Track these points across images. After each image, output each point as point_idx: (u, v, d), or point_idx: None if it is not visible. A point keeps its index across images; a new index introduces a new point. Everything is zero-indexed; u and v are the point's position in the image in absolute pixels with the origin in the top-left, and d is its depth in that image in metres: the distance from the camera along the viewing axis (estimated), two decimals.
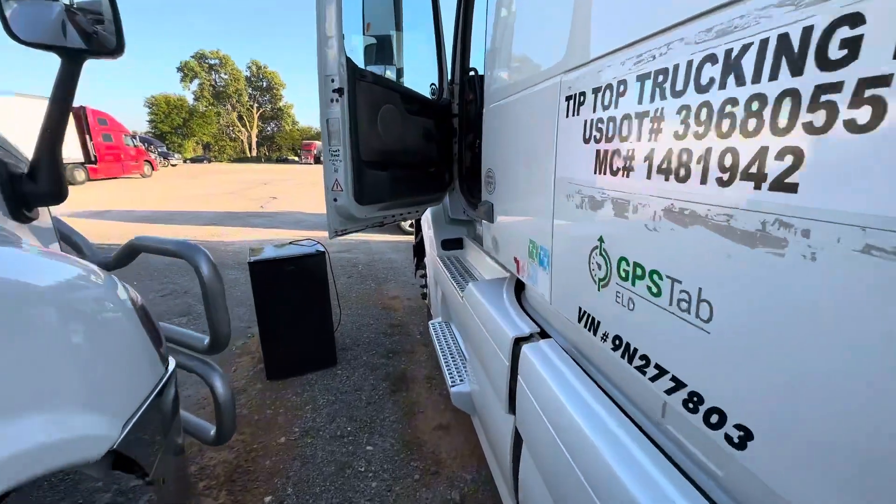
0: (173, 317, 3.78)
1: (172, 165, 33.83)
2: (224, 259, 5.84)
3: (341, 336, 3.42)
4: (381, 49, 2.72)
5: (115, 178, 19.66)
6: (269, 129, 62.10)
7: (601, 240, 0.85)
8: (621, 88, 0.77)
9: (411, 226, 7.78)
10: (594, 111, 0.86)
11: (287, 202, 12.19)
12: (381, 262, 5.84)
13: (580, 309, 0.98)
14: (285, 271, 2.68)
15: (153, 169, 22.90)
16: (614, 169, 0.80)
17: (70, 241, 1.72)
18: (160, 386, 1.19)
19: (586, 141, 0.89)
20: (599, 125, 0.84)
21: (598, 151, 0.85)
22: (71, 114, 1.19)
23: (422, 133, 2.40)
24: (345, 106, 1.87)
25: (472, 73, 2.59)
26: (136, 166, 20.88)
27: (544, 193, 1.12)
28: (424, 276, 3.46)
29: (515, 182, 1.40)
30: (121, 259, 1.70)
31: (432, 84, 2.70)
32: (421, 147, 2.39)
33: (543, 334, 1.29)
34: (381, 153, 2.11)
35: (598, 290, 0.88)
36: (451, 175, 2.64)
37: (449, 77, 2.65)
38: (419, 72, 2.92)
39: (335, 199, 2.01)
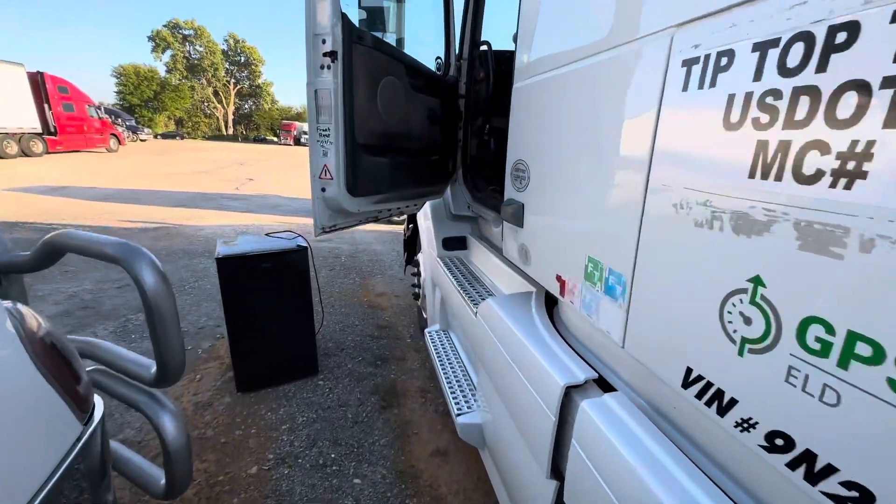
0: (129, 313, 3.34)
1: (142, 140, 32.01)
2: (194, 245, 5.34)
3: (323, 339, 3.07)
4: (379, 15, 2.34)
5: (78, 151, 18.38)
6: (246, 106, 59.68)
7: (758, 282, 0.55)
8: (837, 37, 0.46)
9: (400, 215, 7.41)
10: (759, 78, 0.55)
11: (264, 184, 11.55)
12: (366, 254, 5.47)
13: (690, 371, 0.68)
14: (260, 268, 2.31)
15: (120, 143, 21.53)
16: (803, 172, 0.50)
17: None
18: (77, 448, 0.84)
19: (733, 126, 0.58)
20: (768, 102, 0.53)
21: (761, 143, 0.54)
22: (27, 80, 0.81)
23: (426, 114, 2.05)
24: (338, 74, 1.51)
25: (483, 47, 2.25)
26: (101, 140, 19.55)
27: (624, 198, 0.82)
28: (417, 274, 3.13)
29: (564, 179, 1.08)
30: (40, 259, 1.30)
31: (438, 58, 2.34)
32: (425, 130, 2.05)
33: (600, 380, 1.00)
34: (380, 135, 1.76)
35: (741, 354, 0.59)
36: (454, 164, 2.31)
37: (457, 51, 2.30)
38: (422, 43, 2.56)
39: (323, 190, 1.65)
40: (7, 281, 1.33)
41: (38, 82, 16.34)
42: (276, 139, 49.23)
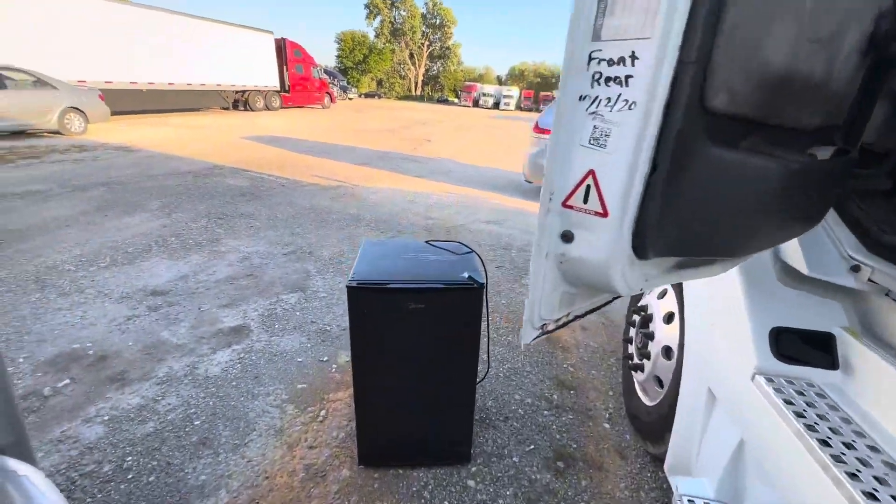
0: (283, 292, 3.04)
1: (349, 99, 36.69)
2: (362, 211, 5.10)
3: (481, 392, 2.17)
4: None
5: (301, 107, 21.71)
6: (434, 68, 62.81)
7: None
8: None
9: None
10: None
11: (439, 146, 11.34)
12: None
13: None
14: (407, 309, 1.44)
15: (331, 101, 24.76)
16: None
17: None
18: None
19: None
20: None
21: None
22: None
23: (837, 56, 0.76)
24: None
25: None
26: (318, 98, 22.72)
27: None
28: (638, 367, 1.91)
29: None
30: None
31: None
32: (828, 92, 0.77)
33: None
34: (763, 89, 0.58)
35: None
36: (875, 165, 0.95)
37: None
38: None
39: (566, 239, 0.60)
40: None
41: (280, 47, 19.53)
42: (456, 100, 50.82)
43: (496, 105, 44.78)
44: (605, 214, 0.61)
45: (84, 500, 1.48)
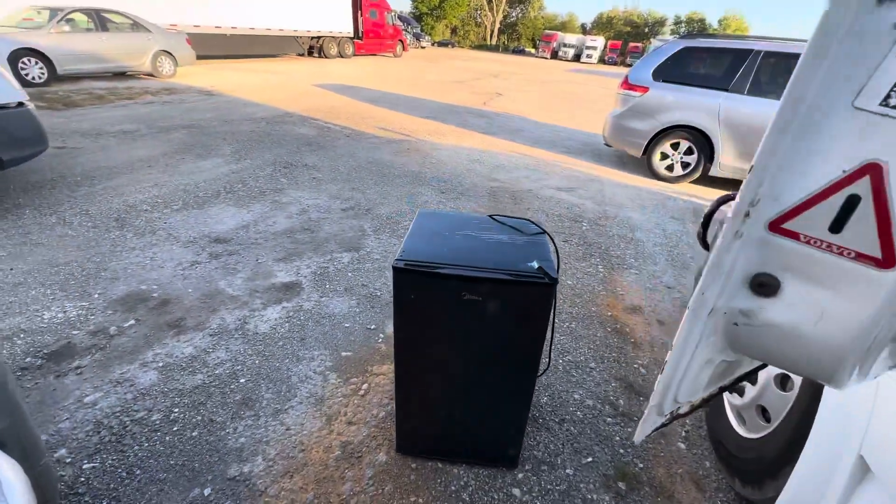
0: (336, 250, 2.96)
1: (422, 48, 35.52)
2: (424, 169, 4.87)
3: (536, 385, 1.94)
4: None
5: (374, 54, 21.36)
6: (513, 14, 58.54)
7: None
8: None
9: (669, 169, 5.31)
10: None
11: (510, 102, 10.60)
12: (617, 223, 3.89)
13: None
14: (461, 300, 1.22)
15: (404, 49, 24.08)
16: None
17: None
18: None
19: None
20: None
21: None
22: None
23: None
24: None
25: None
26: (390, 45, 22.16)
27: None
28: (736, 389, 1.54)
29: None
30: None
31: None
32: None
33: None
34: None
35: None
36: None
37: None
38: None
39: (761, 289, 0.32)
40: None
41: None
42: (533, 51, 47.34)
43: (577, 57, 41.06)
44: (886, 262, 0.31)
45: (132, 446, 1.51)
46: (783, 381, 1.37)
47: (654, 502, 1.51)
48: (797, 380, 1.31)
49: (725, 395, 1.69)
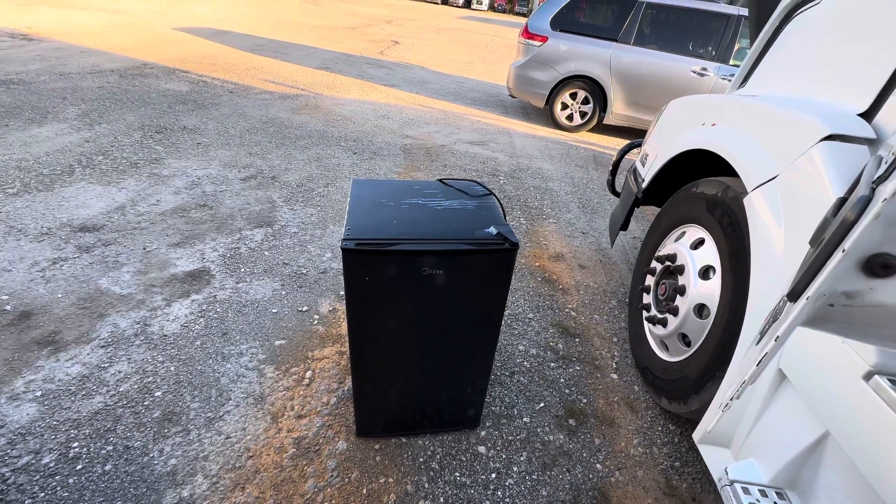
0: (246, 227, 2.61)
1: None
2: (330, 127, 4.47)
3: None
4: None
5: None
6: None
7: None
8: None
9: (569, 118, 5.59)
10: None
11: (409, 51, 10.10)
12: (531, 175, 4.04)
13: None
14: (421, 275, 1.14)
15: None
16: None
17: None
18: None
19: None
20: None
21: None
22: None
23: None
24: None
25: None
26: None
27: None
28: (659, 321, 1.73)
29: None
30: None
31: None
32: None
33: None
34: None
35: None
36: None
37: None
38: None
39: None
40: None
41: None
42: None
43: (468, 3, 40.24)
44: None
45: (22, 501, 1.21)
46: (701, 311, 1.56)
47: (600, 431, 1.68)
48: (713, 309, 1.50)
49: (648, 326, 1.91)
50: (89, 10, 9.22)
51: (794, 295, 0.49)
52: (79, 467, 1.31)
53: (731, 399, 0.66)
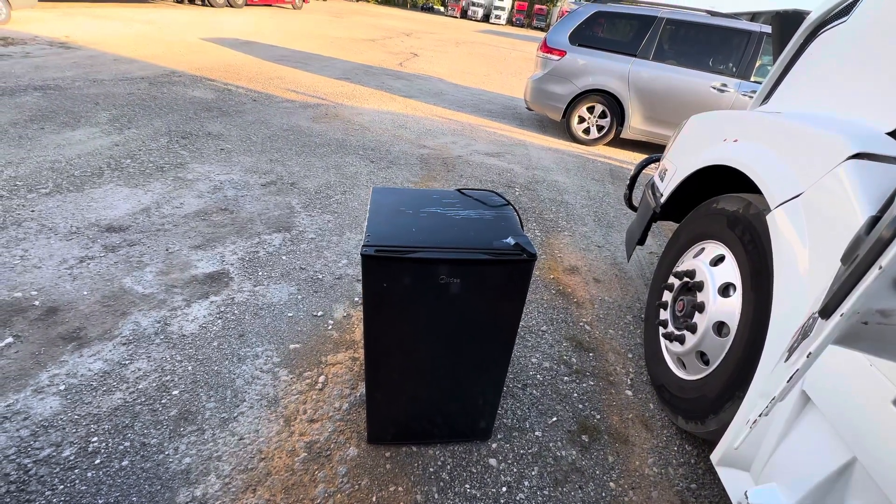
0: (265, 231, 2.66)
1: (323, 0, 32.46)
2: (349, 136, 4.55)
3: None
4: None
5: (268, 5, 19.05)
6: None
7: None
8: None
9: (586, 132, 5.58)
10: None
11: (427, 63, 10.26)
12: (546, 187, 4.03)
13: None
14: (438, 284, 1.14)
15: (304, 1, 21.80)
16: None
17: None
18: None
19: None
20: None
21: None
22: None
23: None
24: None
25: None
26: None
27: None
28: (676, 338, 1.71)
29: None
30: None
31: None
32: None
33: None
34: None
35: None
36: None
37: None
38: None
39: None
40: None
41: None
42: (442, 9, 46.02)
43: (486, 17, 40.82)
44: None
45: (42, 492, 1.24)
46: (720, 329, 1.53)
47: (614, 448, 1.65)
48: (733, 327, 1.47)
49: (664, 343, 1.87)
50: (123, 21, 9.63)
51: (826, 312, 0.49)
52: (97, 462, 1.34)
53: (759, 415, 0.66)
